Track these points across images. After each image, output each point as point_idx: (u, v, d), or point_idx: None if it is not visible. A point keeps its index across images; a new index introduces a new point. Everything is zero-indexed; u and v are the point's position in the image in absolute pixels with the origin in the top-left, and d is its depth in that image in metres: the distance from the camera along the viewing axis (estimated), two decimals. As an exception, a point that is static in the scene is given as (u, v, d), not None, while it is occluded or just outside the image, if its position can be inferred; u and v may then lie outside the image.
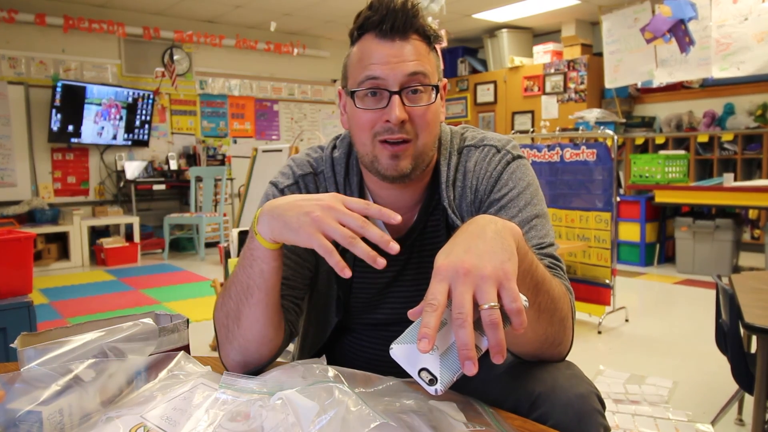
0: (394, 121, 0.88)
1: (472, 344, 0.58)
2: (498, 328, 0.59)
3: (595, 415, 0.80)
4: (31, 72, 5.90)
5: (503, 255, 0.64)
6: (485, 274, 0.61)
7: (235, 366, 0.87)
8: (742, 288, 1.78)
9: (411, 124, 0.90)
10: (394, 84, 0.88)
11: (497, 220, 0.71)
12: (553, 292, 0.79)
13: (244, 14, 6.55)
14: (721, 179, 4.84)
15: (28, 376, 0.70)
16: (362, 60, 0.91)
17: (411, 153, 0.91)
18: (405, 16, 0.89)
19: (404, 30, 0.89)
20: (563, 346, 0.86)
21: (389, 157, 0.91)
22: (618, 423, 2.20)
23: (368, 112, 0.91)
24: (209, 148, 6.99)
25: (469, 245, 0.65)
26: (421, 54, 0.91)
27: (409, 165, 0.91)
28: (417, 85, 0.89)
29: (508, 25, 7.09)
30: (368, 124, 0.91)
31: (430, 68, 0.91)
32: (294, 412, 0.64)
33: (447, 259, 0.64)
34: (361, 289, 1.02)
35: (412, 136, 0.90)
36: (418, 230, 1.00)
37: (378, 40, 0.90)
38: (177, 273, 5.41)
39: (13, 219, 5.53)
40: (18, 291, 1.96)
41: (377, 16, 0.90)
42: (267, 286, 0.82)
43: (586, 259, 3.54)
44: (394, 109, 0.88)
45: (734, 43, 4.70)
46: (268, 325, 0.85)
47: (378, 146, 0.91)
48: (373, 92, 0.90)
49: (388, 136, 0.90)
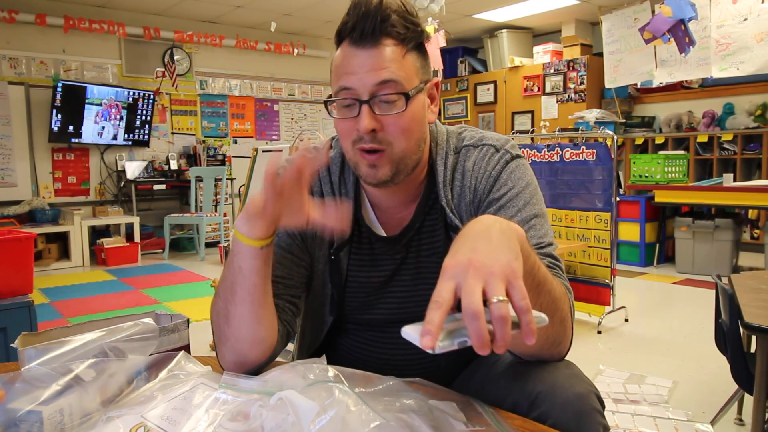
0: (363, 131, 0.88)
1: (486, 334, 0.58)
2: (506, 323, 0.58)
3: (594, 415, 0.80)
4: (31, 72, 5.90)
5: (510, 254, 0.64)
6: (494, 272, 0.61)
7: (231, 366, 0.87)
8: (742, 288, 1.78)
9: (384, 133, 0.89)
10: (364, 93, 0.87)
11: (501, 221, 0.71)
12: (554, 293, 0.79)
13: (244, 14, 6.55)
14: (721, 179, 4.84)
15: (28, 376, 0.70)
16: (338, 69, 0.90)
17: (387, 161, 0.90)
18: (374, 22, 0.86)
19: (374, 36, 0.87)
20: (563, 345, 0.86)
21: (367, 166, 0.91)
22: (618, 423, 2.20)
23: (344, 121, 0.91)
24: (209, 148, 6.99)
25: (475, 245, 0.65)
26: (394, 60, 0.87)
27: (388, 172, 0.91)
28: (387, 93, 0.87)
29: (508, 25, 7.09)
30: (346, 132, 0.91)
31: (404, 74, 0.88)
32: (294, 412, 0.64)
33: (454, 258, 0.64)
34: (356, 289, 1.02)
35: (385, 145, 0.89)
36: (415, 229, 1.00)
37: (351, 48, 0.89)
38: (177, 273, 5.41)
39: (14, 219, 5.53)
40: (18, 291, 1.97)
41: (350, 22, 0.88)
42: (248, 284, 0.82)
43: (585, 259, 3.54)
44: (363, 119, 0.87)
45: (734, 44, 4.70)
46: (256, 324, 0.85)
47: (357, 154, 0.91)
48: (347, 104, 0.89)
49: (363, 145, 0.89)
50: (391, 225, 1.01)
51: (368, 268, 1.02)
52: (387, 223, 1.02)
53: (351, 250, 1.01)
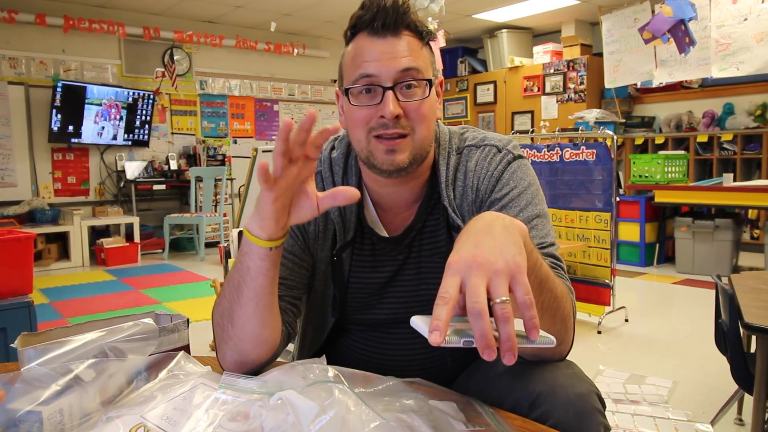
0: (389, 116, 0.88)
1: (491, 334, 0.57)
2: (509, 323, 0.58)
3: (595, 414, 0.80)
4: (31, 72, 5.90)
5: (514, 249, 0.64)
6: (498, 268, 0.61)
7: (232, 366, 0.86)
8: (742, 288, 1.78)
9: (406, 119, 0.91)
10: (388, 80, 0.89)
11: (504, 217, 0.71)
12: (555, 291, 0.79)
13: (244, 14, 6.55)
14: (721, 179, 4.84)
15: (28, 376, 0.70)
16: (356, 58, 0.92)
17: (408, 147, 0.91)
18: (396, 13, 0.90)
19: (395, 26, 0.90)
20: (564, 345, 0.86)
21: (385, 152, 0.91)
22: (618, 423, 2.20)
23: (363, 108, 0.91)
24: (209, 148, 6.99)
25: (479, 241, 0.65)
26: (414, 49, 0.91)
27: (407, 159, 0.92)
28: (410, 80, 0.90)
29: (508, 25, 7.09)
30: (363, 120, 0.92)
31: (423, 63, 0.92)
32: (294, 412, 0.64)
33: (458, 254, 0.64)
34: (358, 289, 1.02)
35: (408, 131, 0.91)
36: (417, 229, 1.00)
37: (370, 38, 0.91)
38: (177, 273, 5.41)
39: (14, 219, 5.53)
40: (18, 291, 1.97)
41: (368, 15, 0.91)
42: (255, 285, 0.81)
43: (585, 259, 3.54)
44: (388, 104, 0.88)
45: (734, 44, 4.70)
46: (261, 324, 0.85)
47: (373, 142, 0.92)
48: (368, 89, 0.91)
49: (383, 131, 0.90)
50: (393, 225, 1.02)
51: (370, 268, 1.02)
52: (389, 224, 1.02)
53: (353, 250, 1.01)
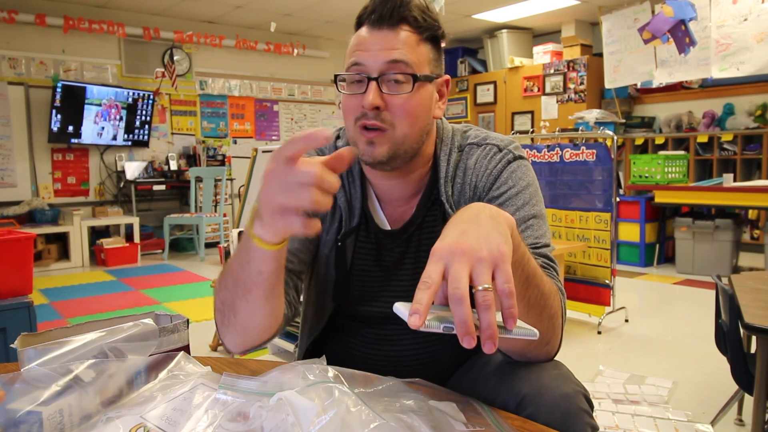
0: (367, 107, 0.89)
1: (470, 320, 0.57)
2: (491, 311, 0.58)
3: (581, 415, 0.80)
4: (31, 72, 5.90)
5: (499, 238, 0.64)
6: (481, 256, 0.61)
7: (235, 346, 0.89)
8: (742, 288, 1.78)
9: (388, 113, 0.90)
10: (374, 70, 0.90)
11: (491, 207, 0.71)
12: (543, 288, 0.78)
13: (244, 15, 6.55)
14: (721, 179, 4.83)
15: (28, 377, 0.70)
16: (352, 47, 0.93)
17: (387, 142, 0.91)
18: (393, 6, 0.90)
19: (391, 19, 0.90)
20: (551, 345, 0.86)
21: (365, 143, 0.92)
22: (618, 423, 2.20)
23: (351, 97, 0.92)
24: (209, 149, 6.99)
25: (464, 229, 0.65)
26: (408, 44, 0.91)
27: (385, 153, 0.91)
28: (396, 73, 0.89)
29: (508, 25, 7.09)
30: (351, 108, 0.93)
31: (416, 59, 0.91)
32: (294, 413, 0.64)
33: (443, 241, 0.64)
34: (359, 277, 1.03)
35: (387, 125, 0.91)
36: (416, 224, 1.01)
37: (369, 30, 0.92)
38: (177, 273, 5.41)
39: (13, 219, 5.53)
40: (18, 291, 1.97)
41: (371, 7, 0.92)
42: (266, 285, 0.79)
43: (585, 260, 3.54)
44: (368, 94, 0.89)
45: (734, 44, 4.70)
46: (267, 315, 0.85)
47: (358, 131, 0.92)
48: (358, 79, 0.91)
49: (365, 122, 0.91)
50: (394, 218, 1.03)
51: (372, 258, 1.03)
52: (390, 216, 1.03)
53: (358, 237, 1.02)
